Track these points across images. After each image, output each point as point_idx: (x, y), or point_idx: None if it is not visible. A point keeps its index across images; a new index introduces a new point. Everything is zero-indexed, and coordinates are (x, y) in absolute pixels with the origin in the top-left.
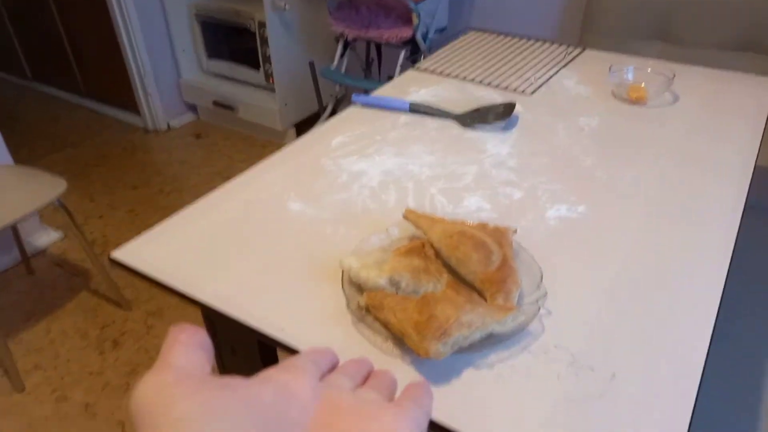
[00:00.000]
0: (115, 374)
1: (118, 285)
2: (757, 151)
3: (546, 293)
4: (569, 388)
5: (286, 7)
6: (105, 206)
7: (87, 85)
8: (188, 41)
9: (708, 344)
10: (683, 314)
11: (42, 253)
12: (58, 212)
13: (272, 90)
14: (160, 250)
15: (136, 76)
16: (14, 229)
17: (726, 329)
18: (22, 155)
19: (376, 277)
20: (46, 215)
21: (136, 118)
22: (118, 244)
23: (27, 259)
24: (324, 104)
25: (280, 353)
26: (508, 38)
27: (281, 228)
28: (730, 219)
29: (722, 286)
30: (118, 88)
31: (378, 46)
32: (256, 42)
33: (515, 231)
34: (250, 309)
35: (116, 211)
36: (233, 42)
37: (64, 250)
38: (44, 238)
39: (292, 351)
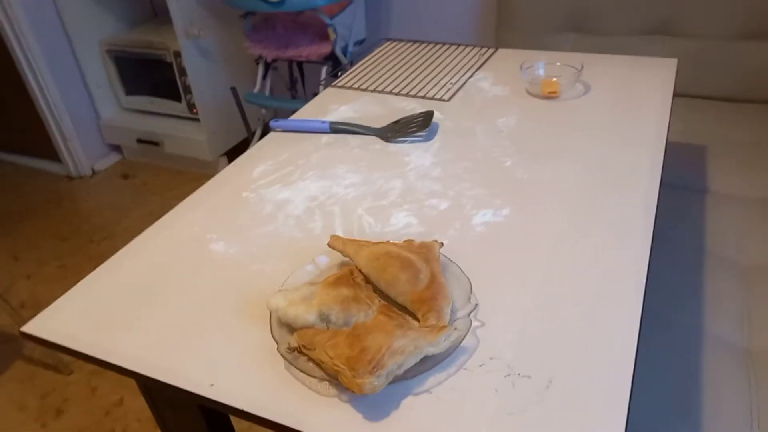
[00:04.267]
0: None
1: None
2: (666, 130)
3: (477, 305)
4: (507, 400)
5: (200, 33)
6: (32, 264)
7: (1, 137)
8: (103, 79)
9: (636, 336)
10: (609, 307)
11: None
12: None
13: (197, 120)
14: (76, 315)
15: (51, 122)
16: None
17: (659, 314)
18: None
19: (304, 313)
20: None
21: (58, 166)
22: (51, 302)
23: None
24: (252, 129)
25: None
26: (423, 45)
27: (204, 272)
28: (647, 202)
29: (645, 273)
30: (34, 136)
31: (300, 65)
32: (174, 73)
33: (442, 244)
34: (175, 366)
35: (45, 267)
36: (150, 75)
37: None
38: None
39: (224, 407)
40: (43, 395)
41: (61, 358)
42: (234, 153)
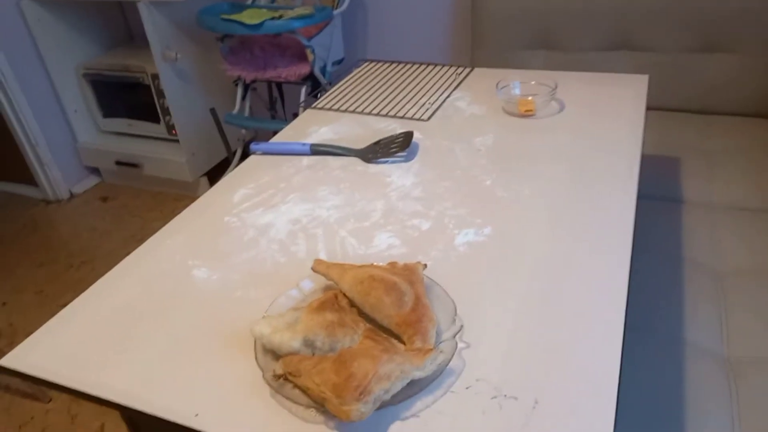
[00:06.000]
0: None
1: None
2: (640, 144)
3: (462, 326)
4: (495, 422)
5: (178, 56)
6: (8, 291)
7: None
8: (80, 102)
9: (619, 351)
10: (592, 322)
11: None
12: None
13: (177, 141)
14: (55, 347)
15: (27, 147)
16: None
17: (642, 323)
18: None
19: (289, 340)
20: None
21: (34, 191)
22: (28, 331)
23: None
24: (232, 149)
25: None
26: (400, 65)
27: (187, 300)
28: (624, 214)
29: (626, 287)
30: (9, 161)
31: (279, 85)
32: (152, 95)
33: (425, 266)
34: (159, 396)
35: (22, 295)
36: (128, 97)
37: None
38: None
39: None
40: (21, 425)
41: (38, 385)
42: (214, 173)
